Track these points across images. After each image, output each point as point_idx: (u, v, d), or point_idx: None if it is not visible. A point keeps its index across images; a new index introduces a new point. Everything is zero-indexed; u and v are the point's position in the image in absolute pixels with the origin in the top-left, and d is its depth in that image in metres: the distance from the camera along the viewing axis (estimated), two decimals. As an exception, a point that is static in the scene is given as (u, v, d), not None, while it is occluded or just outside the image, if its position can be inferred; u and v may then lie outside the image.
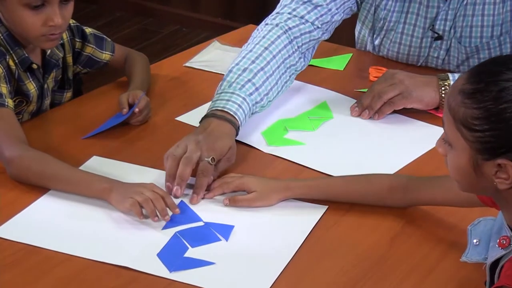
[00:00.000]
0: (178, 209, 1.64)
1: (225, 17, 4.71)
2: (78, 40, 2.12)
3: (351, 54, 2.38)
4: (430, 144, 1.91)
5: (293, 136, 1.97)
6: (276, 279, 1.51)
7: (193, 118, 2.03)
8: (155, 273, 1.51)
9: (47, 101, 2.06)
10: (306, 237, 1.62)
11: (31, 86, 1.98)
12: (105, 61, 2.18)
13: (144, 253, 1.56)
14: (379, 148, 1.94)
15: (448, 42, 2.21)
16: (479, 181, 1.29)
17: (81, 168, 1.80)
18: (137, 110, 1.96)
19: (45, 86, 2.03)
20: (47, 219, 1.65)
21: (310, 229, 1.64)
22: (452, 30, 2.18)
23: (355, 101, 2.08)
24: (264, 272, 1.52)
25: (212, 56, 2.38)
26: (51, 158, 1.74)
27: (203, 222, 1.65)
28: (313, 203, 1.71)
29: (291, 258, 1.56)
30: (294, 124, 2.01)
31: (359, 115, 2.04)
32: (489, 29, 2.15)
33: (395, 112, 2.05)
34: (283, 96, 2.08)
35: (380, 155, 1.91)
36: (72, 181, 1.71)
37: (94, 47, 2.15)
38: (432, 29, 2.20)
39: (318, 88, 2.18)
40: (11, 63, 1.93)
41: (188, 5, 4.86)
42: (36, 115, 2.03)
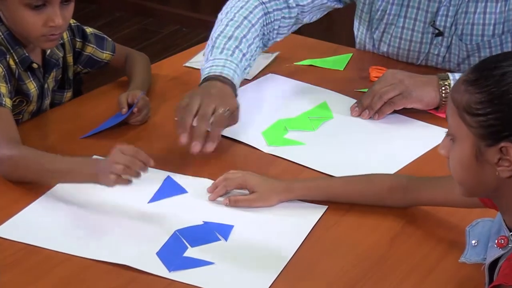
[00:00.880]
0: (152, 161, 1.66)
1: (225, 17, 4.71)
2: (79, 40, 2.12)
3: (351, 54, 2.38)
4: (430, 144, 1.92)
5: (293, 136, 1.97)
6: (276, 279, 1.51)
7: (193, 118, 2.04)
8: (155, 273, 1.51)
9: (47, 101, 2.06)
10: (306, 237, 1.62)
11: (32, 86, 1.98)
12: (106, 61, 2.18)
13: (144, 252, 1.56)
14: (379, 148, 1.94)
15: (449, 39, 2.21)
16: (482, 174, 1.28)
17: None
18: (136, 110, 1.96)
19: (46, 86, 2.03)
20: (46, 219, 1.65)
21: (310, 229, 1.64)
22: (453, 27, 2.18)
23: (355, 101, 2.08)
24: (263, 272, 1.52)
25: (212, 56, 2.38)
26: (40, 153, 1.74)
27: (202, 221, 1.66)
28: (313, 203, 1.71)
29: (291, 258, 1.56)
30: (294, 124, 2.01)
31: (359, 115, 2.04)
32: (491, 27, 2.15)
33: (395, 112, 2.05)
34: (283, 96, 2.09)
35: (380, 155, 1.91)
36: (64, 172, 1.71)
37: (95, 47, 2.15)
38: (433, 25, 2.20)
39: (318, 88, 2.18)
40: (12, 63, 1.93)
41: (188, 5, 4.87)
42: (36, 115, 2.03)
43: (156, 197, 1.72)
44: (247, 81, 2.19)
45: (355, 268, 1.54)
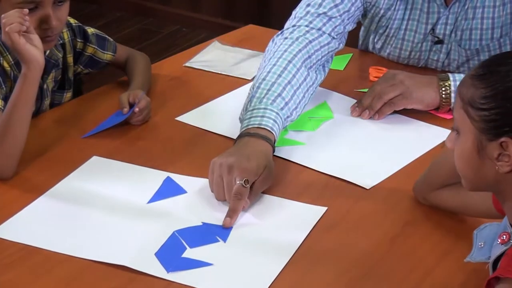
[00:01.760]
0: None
1: (225, 17, 4.71)
2: (80, 41, 2.12)
3: (351, 54, 2.38)
4: (430, 144, 1.92)
5: (293, 136, 1.97)
6: (276, 280, 1.51)
7: (193, 118, 2.04)
8: (153, 273, 1.51)
9: (47, 101, 2.06)
10: (306, 238, 1.62)
11: (30, 87, 1.98)
12: (107, 61, 2.18)
13: (142, 253, 1.56)
14: (379, 148, 1.94)
15: (449, 46, 2.21)
16: (483, 168, 1.30)
17: (80, 169, 1.81)
18: (137, 110, 1.96)
19: (45, 87, 2.03)
20: (45, 220, 1.65)
21: (309, 230, 1.64)
22: (453, 34, 2.19)
23: (355, 101, 2.08)
24: (262, 273, 1.52)
25: (212, 56, 2.38)
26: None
27: (201, 222, 1.65)
28: (313, 204, 1.71)
29: (291, 259, 1.56)
30: (294, 124, 2.01)
31: (359, 115, 2.04)
32: (489, 32, 2.16)
33: (395, 112, 2.05)
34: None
35: (380, 155, 1.91)
36: (18, 101, 1.76)
37: (96, 48, 2.15)
38: (433, 33, 2.20)
39: (318, 88, 2.17)
40: (6, 65, 1.93)
41: (188, 5, 4.87)
42: (36, 115, 2.03)
43: (156, 198, 1.72)
44: (247, 81, 2.19)
45: (355, 268, 1.54)
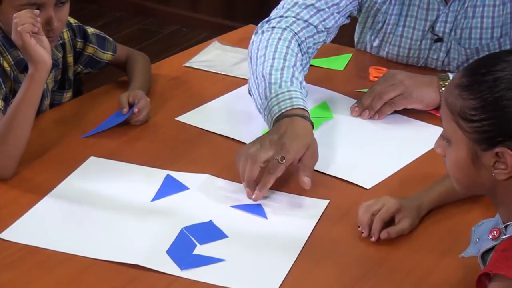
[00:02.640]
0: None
1: (225, 17, 4.72)
2: (80, 40, 2.12)
3: (351, 54, 2.38)
4: (430, 144, 1.89)
5: (293, 136, 1.97)
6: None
7: (193, 118, 2.04)
8: (167, 271, 1.51)
9: (47, 101, 2.06)
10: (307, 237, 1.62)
11: (29, 87, 1.98)
12: (107, 61, 2.18)
13: (153, 251, 1.56)
14: (379, 148, 1.94)
15: (448, 44, 2.21)
16: (478, 175, 1.30)
17: (79, 170, 1.81)
18: (136, 110, 1.96)
19: (44, 87, 2.02)
20: (53, 220, 1.65)
21: (316, 222, 1.65)
22: (453, 32, 2.19)
23: (355, 101, 2.08)
24: (273, 269, 1.52)
25: (212, 56, 2.38)
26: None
27: (208, 218, 1.66)
28: (315, 197, 1.72)
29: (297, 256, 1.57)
30: (294, 124, 2.01)
31: (359, 115, 2.04)
32: (489, 31, 2.15)
33: (395, 112, 2.05)
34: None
35: (380, 155, 1.91)
36: (23, 101, 1.77)
37: (96, 47, 2.15)
38: (432, 31, 2.20)
39: (318, 88, 2.17)
40: (6, 65, 1.93)
41: (188, 5, 4.87)
42: (36, 115, 2.02)
43: (159, 196, 1.73)
44: (247, 81, 2.19)
45: (355, 268, 1.54)
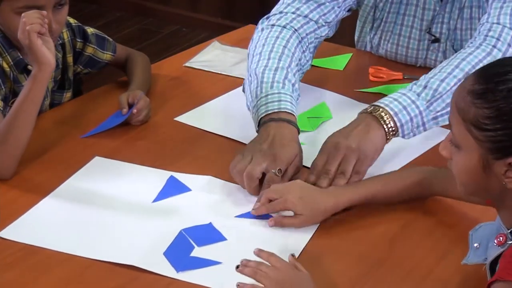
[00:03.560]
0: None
1: (225, 17, 4.72)
2: (79, 41, 2.12)
3: (351, 54, 2.38)
4: (430, 144, 1.92)
5: (293, 136, 1.97)
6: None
7: (193, 118, 2.04)
8: (162, 273, 1.51)
9: (47, 102, 2.06)
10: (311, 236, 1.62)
11: (29, 88, 1.98)
12: (106, 61, 2.18)
13: (151, 252, 1.56)
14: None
15: (445, 45, 2.21)
16: (487, 182, 1.30)
17: (83, 170, 1.81)
18: (135, 111, 1.96)
19: (45, 87, 2.03)
20: (52, 220, 1.65)
21: (316, 227, 1.64)
22: (448, 33, 2.19)
23: (354, 101, 2.07)
24: None
25: (212, 56, 2.38)
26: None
27: (208, 221, 1.66)
28: None
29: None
30: (294, 124, 2.01)
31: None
32: None
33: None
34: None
35: (380, 155, 1.90)
36: (25, 101, 1.77)
37: (95, 47, 2.15)
38: (429, 32, 2.20)
39: (317, 89, 2.18)
40: (5, 65, 1.93)
41: (188, 5, 4.87)
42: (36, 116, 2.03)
43: (160, 196, 1.73)
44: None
45: (355, 268, 1.54)
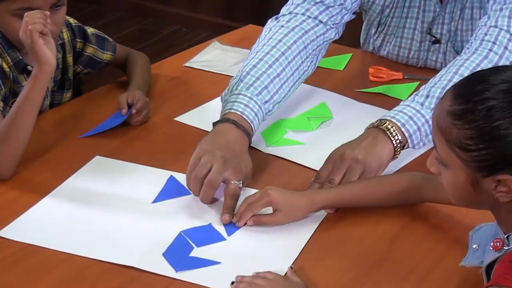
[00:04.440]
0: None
1: (225, 17, 4.72)
2: (79, 41, 2.12)
3: (351, 54, 2.38)
4: (430, 144, 1.92)
5: (293, 136, 1.97)
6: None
7: (193, 118, 2.04)
8: (161, 273, 1.51)
9: (47, 102, 2.06)
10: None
11: (29, 88, 1.98)
12: (106, 61, 2.18)
13: (150, 253, 1.56)
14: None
15: (446, 46, 2.22)
16: (478, 197, 1.30)
17: (83, 169, 1.81)
18: (134, 111, 1.96)
19: (45, 87, 2.03)
20: (51, 219, 1.65)
21: (315, 228, 1.64)
22: (449, 34, 2.19)
23: (354, 101, 2.07)
24: (273, 270, 1.51)
25: (212, 56, 2.38)
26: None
27: (208, 222, 1.66)
28: None
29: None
30: (293, 124, 2.01)
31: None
32: None
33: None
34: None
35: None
36: (25, 101, 1.76)
37: (95, 47, 2.15)
38: (430, 33, 2.20)
39: (317, 89, 2.18)
40: (5, 66, 1.94)
41: (188, 5, 4.87)
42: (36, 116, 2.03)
43: (160, 198, 1.72)
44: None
45: (355, 268, 1.54)
